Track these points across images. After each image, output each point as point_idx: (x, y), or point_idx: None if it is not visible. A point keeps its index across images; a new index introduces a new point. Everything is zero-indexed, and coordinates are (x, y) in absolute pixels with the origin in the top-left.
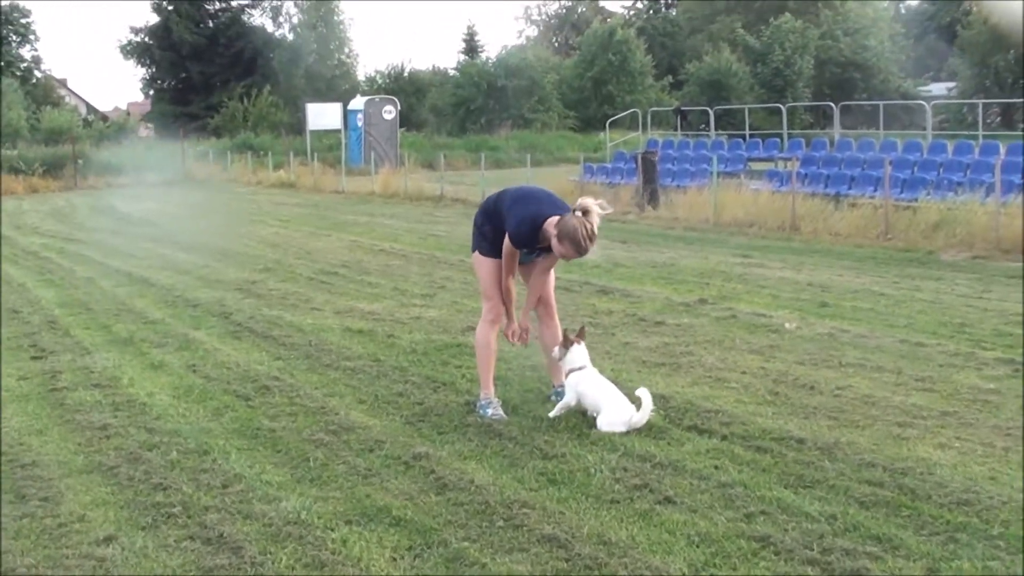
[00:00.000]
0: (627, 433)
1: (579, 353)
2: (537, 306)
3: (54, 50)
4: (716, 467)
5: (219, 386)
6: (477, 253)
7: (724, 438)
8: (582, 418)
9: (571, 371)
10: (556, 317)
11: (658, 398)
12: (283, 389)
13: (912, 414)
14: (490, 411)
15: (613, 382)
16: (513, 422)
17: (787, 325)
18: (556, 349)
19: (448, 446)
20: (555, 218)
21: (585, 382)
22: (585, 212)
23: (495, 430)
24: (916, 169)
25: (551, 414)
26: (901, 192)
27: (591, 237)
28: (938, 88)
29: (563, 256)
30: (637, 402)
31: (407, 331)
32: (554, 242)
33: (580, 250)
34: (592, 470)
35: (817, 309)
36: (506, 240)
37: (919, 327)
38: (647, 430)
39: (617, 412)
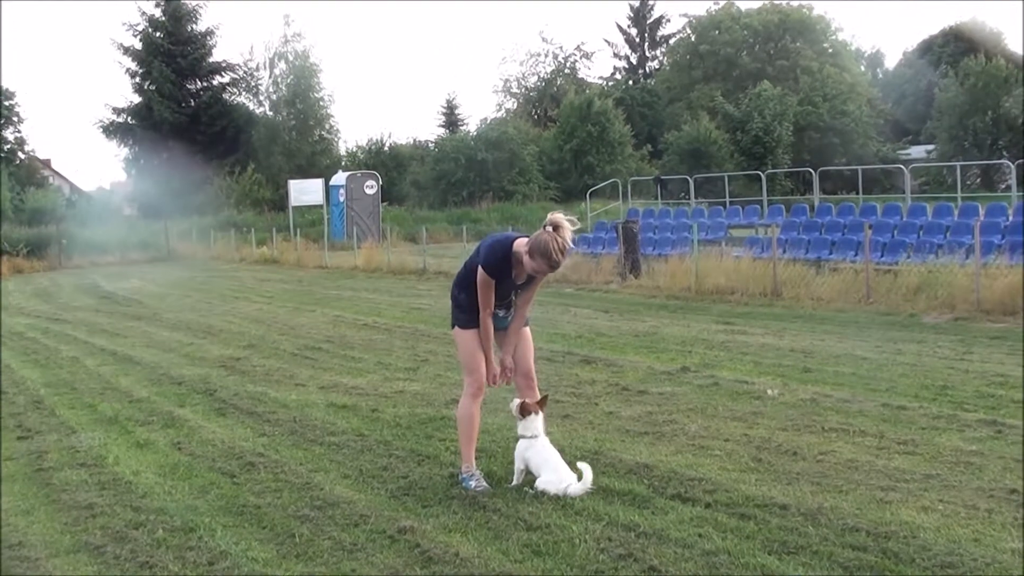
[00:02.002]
0: (611, 503)
1: (535, 422)
2: (517, 378)
3: (37, 131)
4: (700, 535)
5: (204, 463)
6: (456, 328)
7: (708, 506)
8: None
9: (522, 437)
10: (536, 388)
11: (641, 467)
12: (268, 465)
13: (895, 477)
14: (473, 483)
15: (592, 452)
16: (497, 493)
17: (769, 391)
18: (514, 406)
19: (433, 519)
20: (524, 239)
21: (532, 450)
22: (556, 227)
23: (479, 502)
24: (896, 232)
25: (511, 484)
26: (882, 256)
27: (563, 251)
28: (917, 151)
29: (535, 272)
30: (579, 473)
31: (391, 405)
32: (526, 259)
33: (552, 263)
34: (577, 540)
35: (799, 375)
36: (479, 272)
37: (901, 390)
38: (631, 499)
39: (557, 478)
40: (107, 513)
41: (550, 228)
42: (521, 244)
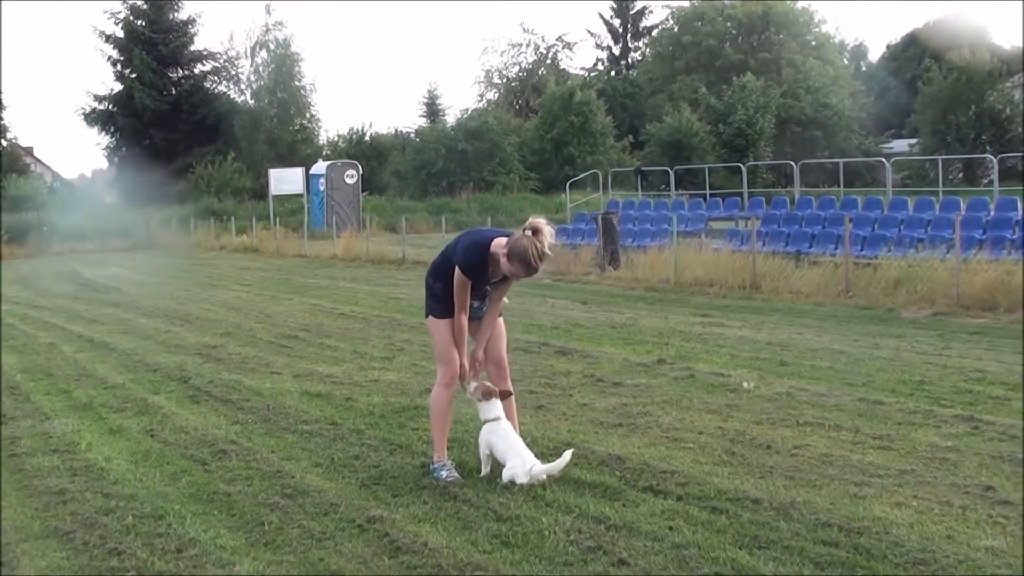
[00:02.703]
0: (581, 495)
1: (495, 405)
2: (489, 367)
3: (20, 118)
4: (671, 528)
5: (176, 450)
6: (431, 317)
7: (679, 499)
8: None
9: (486, 421)
10: (508, 379)
11: (614, 459)
12: (240, 453)
13: (869, 473)
14: (444, 473)
15: (564, 444)
16: (468, 484)
17: (745, 384)
18: (472, 386)
19: (403, 509)
20: (503, 239)
21: (495, 433)
22: (535, 231)
23: (450, 492)
24: (877, 226)
25: (481, 474)
26: (862, 250)
27: (541, 256)
28: (900, 145)
29: (512, 275)
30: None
31: (365, 394)
32: (503, 261)
33: (530, 269)
34: (546, 532)
35: (776, 368)
36: (456, 272)
37: (878, 385)
38: (602, 491)
39: (521, 463)
40: (78, 499)
41: (529, 232)
42: (499, 244)
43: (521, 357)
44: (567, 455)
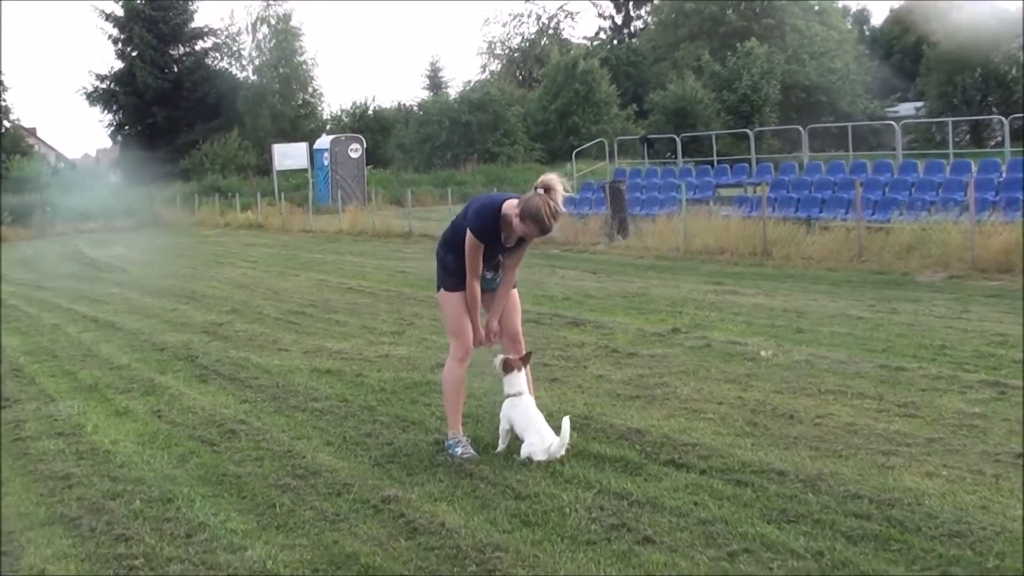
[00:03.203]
0: (602, 470)
1: (518, 379)
2: (504, 340)
3: (23, 99)
4: (695, 503)
5: (184, 431)
6: (442, 290)
7: (703, 472)
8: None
9: (508, 396)
10: (523, 351)
11: (633, 432)
12: (249, 433)
13: (896, 442)
14: (459, 450)
15: (581, 417)
16: (484, 460)
17: (763, 353)
18: (497, 361)
19: (418, 488)
20: (514, 200)
21: (517, 408)
22: (548, 189)
23: (466, 470)
24: (887, 190)
25: (498, 450)
26: (873, 214)
27: (555, 215)
28: (906, 108)
29: (526, 235)
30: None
31: (375, 370)
32: (516, 222)
33: (543, 228)
34: (567, 510)
35: (793, 335)
36: (468, 236)
37: (899, 351)
38: (623, 466)
39: (540, 439)
40: (84, 484)
41: (541, 191)
42: (511, 206)
43: (533, 329)
44: (566, 423)
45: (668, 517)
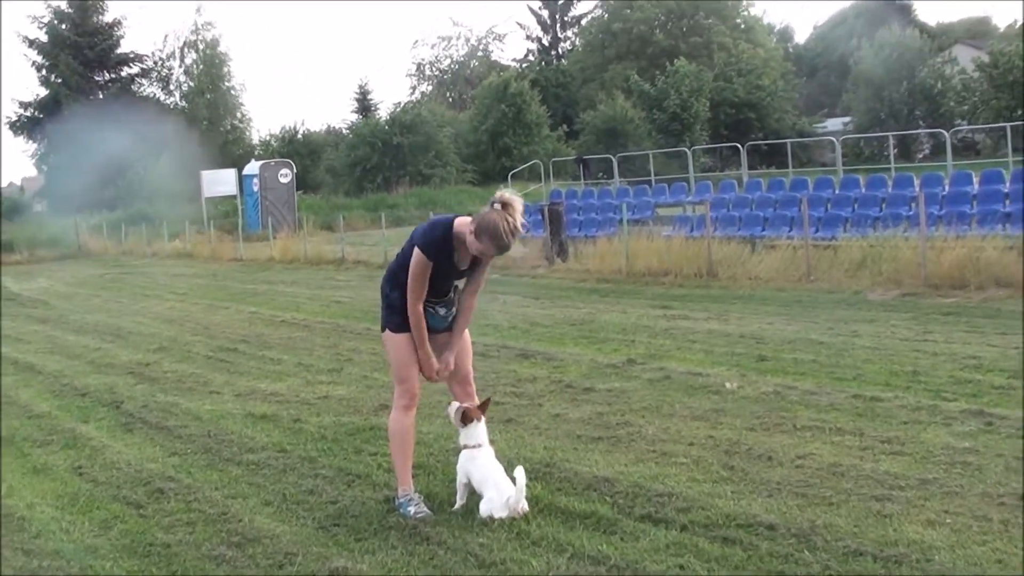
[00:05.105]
0: (572, 528)
1: (477, 430)
2: (454, 385)
3: None
4: (681, 567)
5: (108, 492)
6: (387, 331)
7: (683, 528)
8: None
9: (465, 447)
10: (475, 396)
11: (601, 481)
12: (179, 492)
13: (888, 484)
14: (412, 509)
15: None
16: (441, 520)
17: (728, 385)
18: (453, 409)
19: (368, 556)
20: (467, 217)
21: (475, 461)
22: (505, 205)
23: (421, 533)
24: (830, 206)
25: (455, 507)
26: (817, 231)
27: (513, 232)
28: (834, 123)
29: (481, 254)
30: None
31: (314, 413)
32: (470, 239)
33: (501, 245)
34: None
35: (756, 364)
36: (414, 253)
37: (869, 379)
38: (595, 523)
39: (498, 494)
40: None
41: (498, 206)
42: (464, 223)
43: (481, 363)
44: (519, 475)
45: None
